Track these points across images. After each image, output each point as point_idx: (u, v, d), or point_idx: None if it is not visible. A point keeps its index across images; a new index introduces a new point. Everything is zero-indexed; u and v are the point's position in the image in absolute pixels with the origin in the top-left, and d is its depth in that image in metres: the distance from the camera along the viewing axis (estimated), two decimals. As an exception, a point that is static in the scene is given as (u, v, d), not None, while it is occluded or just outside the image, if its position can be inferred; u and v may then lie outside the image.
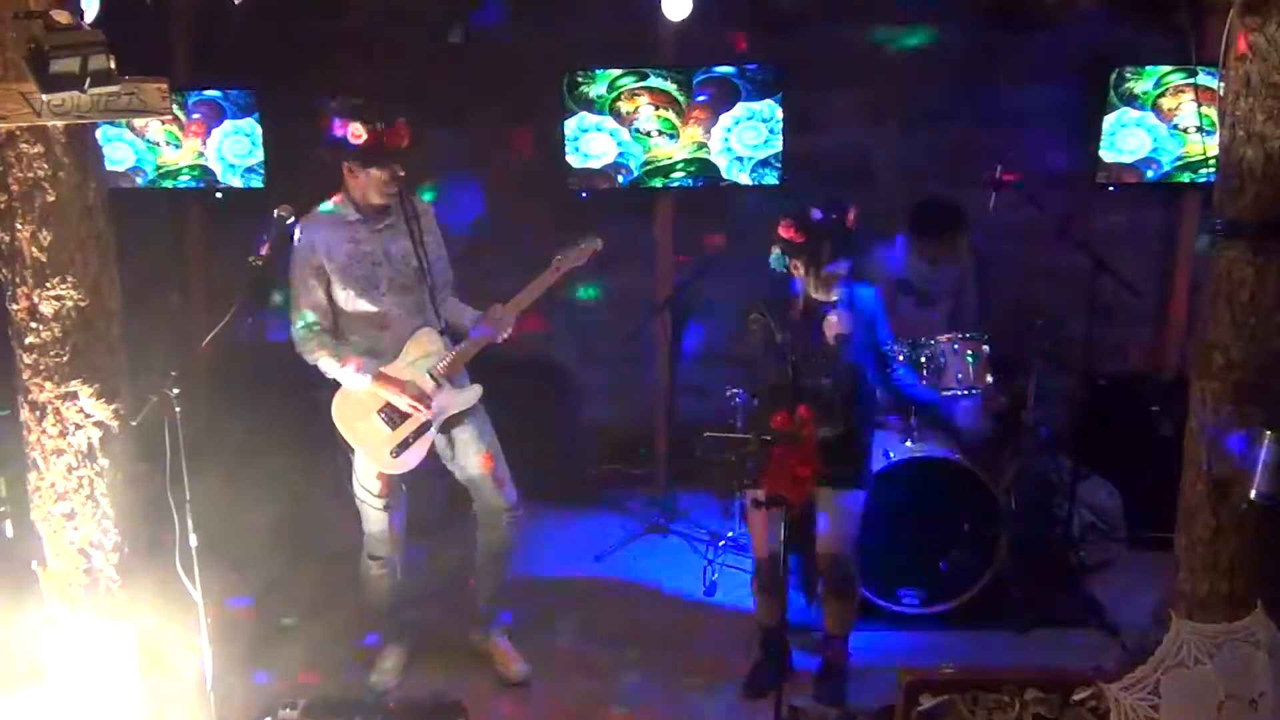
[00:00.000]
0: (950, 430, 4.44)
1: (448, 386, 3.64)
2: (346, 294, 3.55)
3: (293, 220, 3.30)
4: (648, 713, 3.74)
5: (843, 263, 3.55)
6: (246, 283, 3.17)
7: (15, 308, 2.87)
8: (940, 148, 5.27)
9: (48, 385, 2.88)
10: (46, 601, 3.03)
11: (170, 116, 4.78)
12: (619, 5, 5.04)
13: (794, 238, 3.56)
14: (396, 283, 3.59)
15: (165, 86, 2.69)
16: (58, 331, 2.85)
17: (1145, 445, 4.72)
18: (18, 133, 2.73)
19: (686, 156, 5.13)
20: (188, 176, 5.42)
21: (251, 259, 3.16)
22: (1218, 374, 2.68)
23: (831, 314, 3.52)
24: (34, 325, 2.85)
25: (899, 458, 4.11)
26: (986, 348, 4.30)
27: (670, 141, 5.10)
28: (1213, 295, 2.69)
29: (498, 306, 3.63)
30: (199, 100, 5.29)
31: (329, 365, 3.55)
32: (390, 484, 3.69)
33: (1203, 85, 4.62)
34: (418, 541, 4.05)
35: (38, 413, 2.90)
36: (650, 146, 5.11)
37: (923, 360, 4.24)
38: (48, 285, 2.82)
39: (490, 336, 3.63)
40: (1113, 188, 5.17)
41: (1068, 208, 5.03)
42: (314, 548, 4.66)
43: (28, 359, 2.88)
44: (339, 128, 3.38)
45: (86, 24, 2.61)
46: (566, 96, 5.08)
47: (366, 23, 5.28)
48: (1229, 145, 2.63)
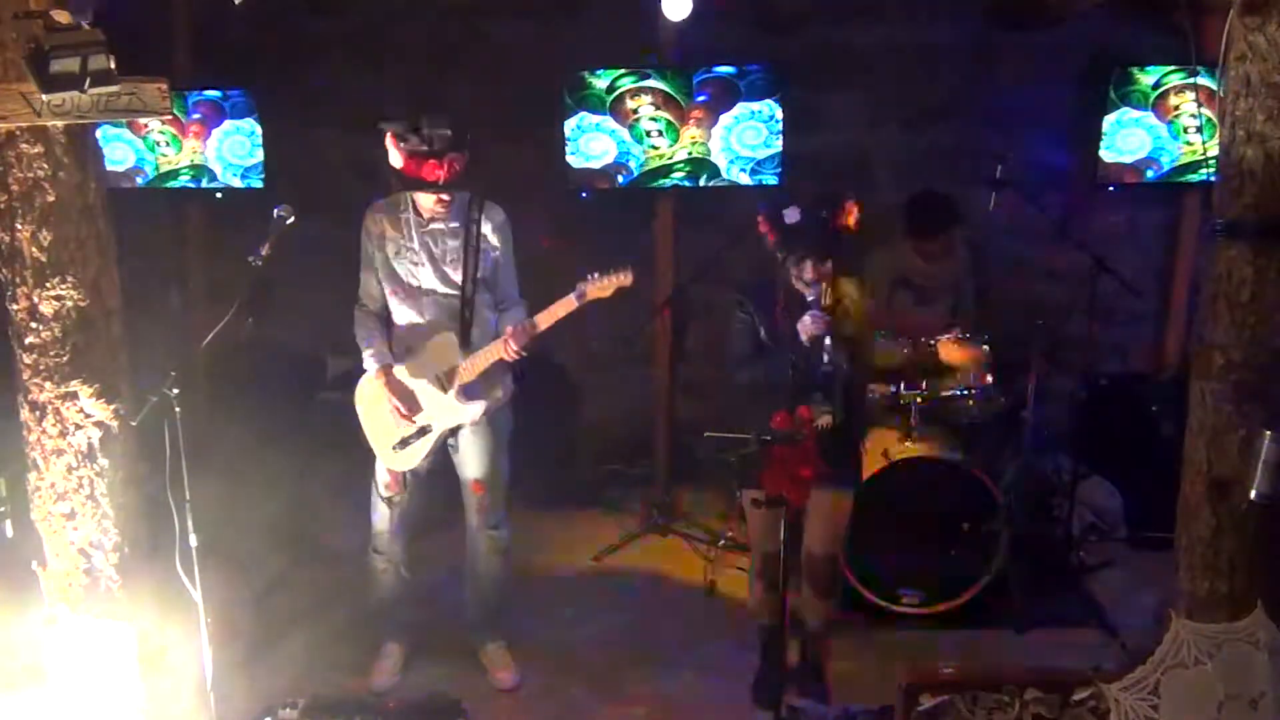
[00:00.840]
0: (950, 430, 4.44)
1: (452, 395, 3.61)
2: (389, 287, 3.64)
3: (292, 220, 3.30)
4: (647, 713, 3.74)
5: (817, 266, 3.41)
6: (246, 283, 3.17)
7: (15, 308, 2.86)
8: (940, 148, 5.27)
9: (48, 385, 2.87)
10: (46, 601, 3.03)
11: (170, 116, 4.77)
12: (619, 5, 5.04)
13: (767, 234, 3.47)
14: (435, 288, 3.61)
15: (165, 86, 2.69)
16: (58, 331, 2.85)
17: (1145, 445, 4.73)
18: (18, 133, 2.73)
19: (686, 156, 5.13)
20: (187, 176, 5.43)
21: (251, 259, 3.17)
22: (1218, 374, 2.68)
23: (806, 315, 3.40)
24: (34, 325, 2.85)
25: (899, 458, 4.11)
26: (986, 347, 4.31)
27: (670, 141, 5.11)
28: (1213, 295, 2.69)
29: (519, 325, 3.53)
30: (199, 100, 5.29)
31: (362, 344, 3.67)
32: (397, 480, 3.72)
33: (1203, 85, 4.65)
34: (420, 540, 4.05)
35: (38, 413, 2.90)
36: (649, 146, 5.11)
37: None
38: (48, 285, 2.82)
39: (496, 351, 3.56)
40: (1113, 188, 5.17)
41: (1068, 208, 5.03)
42: (314, 548, 4.66)
43: (28, 359, 2.88)
44: (389, 143, 3.41)
45: (86, 24, 2.61)
46: (566, 96, 5.08)
47: (366, 23, 5.28)
48: (1229, 145, 2.62)
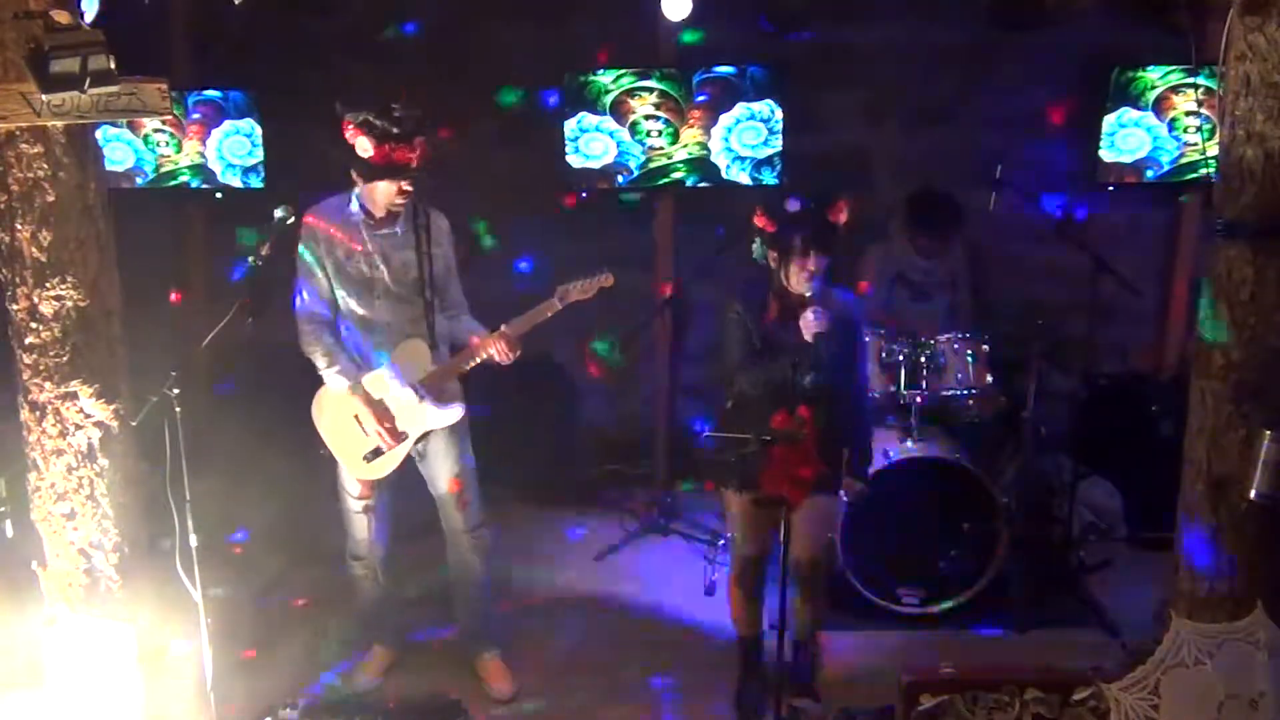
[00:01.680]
0: (950, 430, 4.44)
1: (428, 401, 3.55)
2: (341, 293, 3.55)
3: (293, 220, 3.29)
4: (647, 713, 3.74)
5: (817, 257, 3.38)
6: (246, 283, 3.17)
7: (15, 308, 2.86)
8: (940, 148, 5.27)
9: (48, 385, 2.87)
10: (46, 601, 3.03)
11: (170, 116, 4.77)
12: (619, 5, 5.04)
13: (766, 226, 3.44)
14: (392, 291, 3.54)
15: (165, 86, 2.69)
16: (58, 331, 2.85)
17: (1145, 445, 4.72)
18: (18, 133, 2.73)
19: (686, 157, 5.13)
20: (187, 176, 5.43)
21: (251, 259, 3.17)
22: (1218, 374, 2.68)
23: (808, 311, 3.36)
24: (34, 325, 2.85)
25: (899, 458, 4.11)
26: (986, 347, 4.31)
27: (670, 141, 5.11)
28: (1213, 295, 2.69)
29: (508, 326, 3.50)
30: (199, 100, 5.29)
31: (317, 359, 3.54)
32: (370, 486, 3.65)
33: (1203, 85, 4.65)
34: (407, 544, 4.06)
35: (38, 413, 2.90)
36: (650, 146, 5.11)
37: (922, 359, 4.25)
38: (48, 285, 2.82)
39: (475, 354, 3.53)
40: (1113, 188, 5.17)
41: (1068, 208, 5.03)
42: (314, 548, 4.66)
43: (28, 359, 2.88)
44: (349, 135, 3.35)
45: (86, 24, 2.61)
46: (566, 96, 5.08)
47: (366, 23, 5.28)
48: (1229, 145, 2.63)
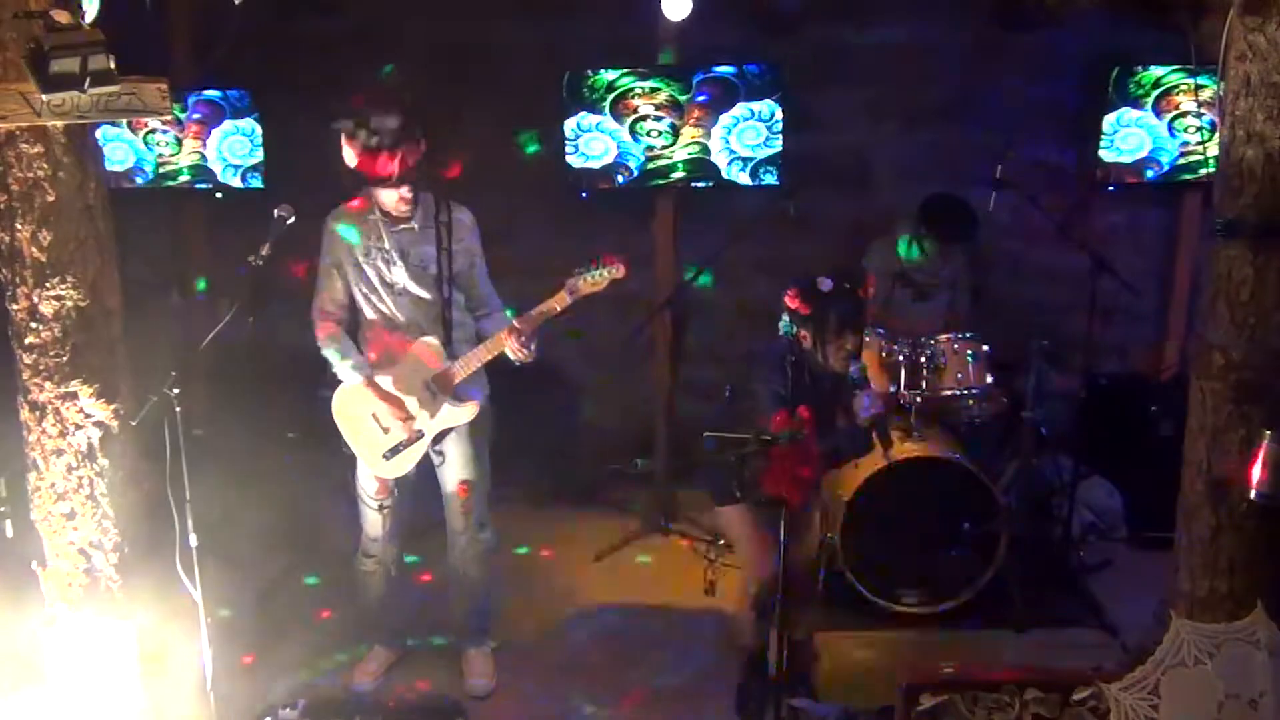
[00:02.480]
0: (950, 430, 4.44)
1: (443, 399, 3.58)
2: (359, 290, 3.57)
3: (292, 220, 3.30)
4: (647, 713, 3.74)
5: (854, 337, 3.40)
6: (246, 283, 3.17)
7: (15, 308, 2.86)
8: (940, 148, 5.27)
9: (48, 385, 2.87)
10: (46, 601, 3.03)
11: (170, 116, 4.77)
12: (619, 5, 5.04)
13: (800, 308, 3.40)
14: (409, 288, 3.55)
15: (165, 86, 2.69)
16: (58, 331, 2.85)
17: (1145, 445, 4.72)
18: (18, 133, 2.73)
19: (686, 157, 5.13)
20: (187, 177, 5.43)
21: (251, 259, 3.17)
22: (1218, 374, 2.69)
23: (861, 397, 3.37)
24: (34, 325, 2.85)
25: (899, 457, 4.11)
26: (986, 347, 4.31)
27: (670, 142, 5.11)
28: (1213, 295, 2.69)
29: (521, 319, 3.47)
30: (199, 100, 5.29)
31: (332, 356, 3.57)
32: (386, 486, 3.68)
33: (1203, 85, 4.65)
34: (413, 544, 4.06)
35: (38, 413, 2.90)
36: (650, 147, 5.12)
37: (922, 359, 4.25)
38: (48, 285, 2.82)
39: (488, 352, 3.54)
40: (1113, 188, 5.17)
41: (1068, 208, 5.03)
42: (314, 548, 4.66)
43: (28, 359, 2.88)
44: (343, 143, 3.35)
45: (86, 24, 2.61)
46: (566, 96, 5.08)
47: (366, 23, 5.28)
48: (1229, 145, 2.63)
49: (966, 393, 4.30)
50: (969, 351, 4.29)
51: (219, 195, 5.45)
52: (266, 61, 5.15)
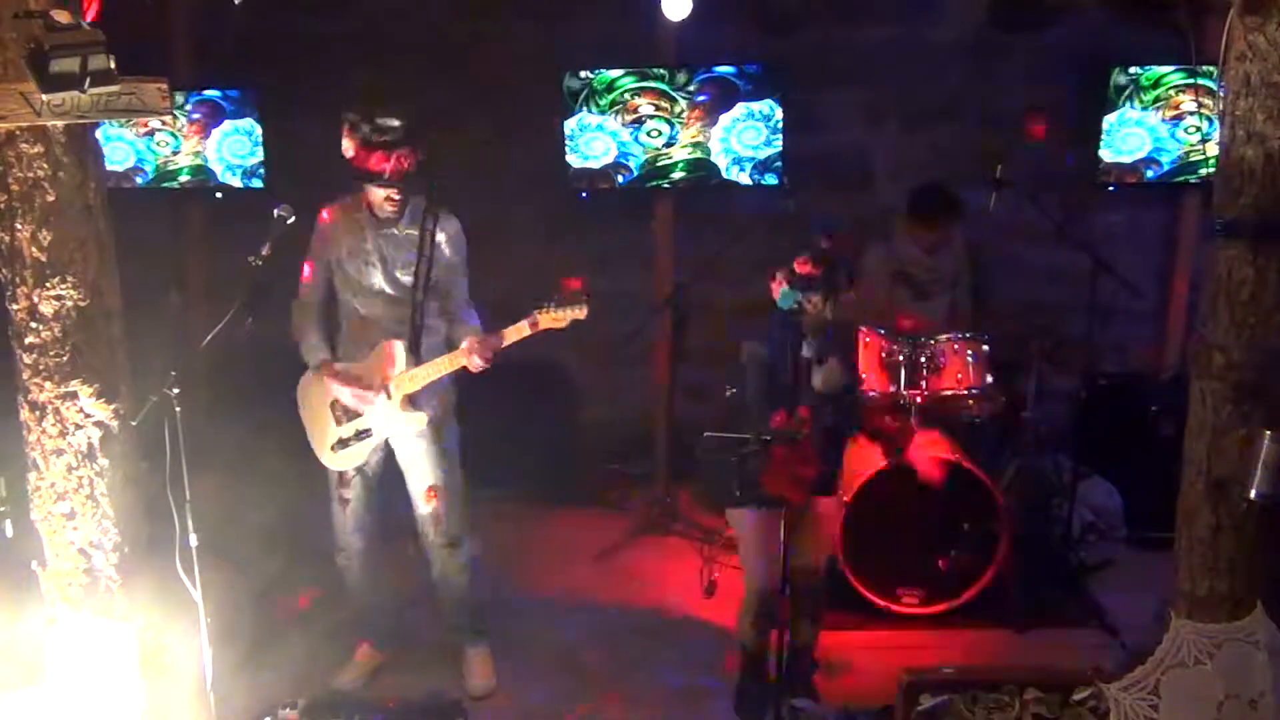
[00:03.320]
0: (950, 430, 4.43)
1: (396, 403, 3.56)
2: (342, 287, 3.62)
3: (292, 220, 3.30)
4: (647, 713, 3.74)
5: (849, 282, 3.42)
6: (246, 283, 3.17)
7: (15, 308, 2.86)
8: (940, 148, 5.27)
9: (48, 385, 2.87)
10: (46, 601, 3.03)
11: (170, 116, 4.78)
12: (619, 5, 5.04)
13: (812, 272, 3.40)
14: (385, 289, 3.59)
15: (165, 86, 2.69)
16: (58, 331, 2.84)
17: (1145, 445, 4.73)
18: (18, 133, 2.72)
19: (686, 157, 5.13)
20: (188, 176, 5.43)
21: (251, 259, 3.17)
22: (1218, 374, 2.68)
23: (830, 360, 3.38)
24: (34, 325, 2.84)
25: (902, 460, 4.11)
26: (986, 347, 4.31)
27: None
28: (1213, 295, 2.69)
29: (482, 339, 3.51)
30: (199, 100, 5.29)
31: (301, 338, 3.65)
32: (346, 478, 3.71)
33: (1203, 85, 4.65)
34: (399, 542, 4.06)
35: (38, 413, 2.90)
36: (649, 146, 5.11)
37: (922, 360, 4.24)
38: (48, 285, 2.82)
39: (448, 365, 3.54)
40: (1113, 188, 5.17)
41: (1068, 208, 5.03)
42: (314, 548, 4.65)
43: (28, 359, 2.87)
44: (344, 134, 3.40)
45: (86, 24, 2.61)
46: (566, 96, 5.08)
47: (366, 23, 5.28)
48: (1229, 145, 2.62)
49: (966, 393, 4.30)
50: (969, 351, 4.29)
51: (219, 195, 5.45)
52: (266, 61, 5.16)
